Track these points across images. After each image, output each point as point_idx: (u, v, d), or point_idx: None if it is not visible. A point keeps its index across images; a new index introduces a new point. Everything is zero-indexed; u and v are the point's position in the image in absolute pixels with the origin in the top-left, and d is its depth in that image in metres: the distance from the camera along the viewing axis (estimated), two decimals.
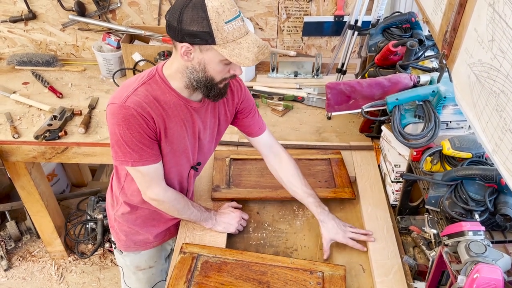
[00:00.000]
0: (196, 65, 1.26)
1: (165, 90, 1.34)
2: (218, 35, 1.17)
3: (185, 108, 1.39)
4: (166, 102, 1.34)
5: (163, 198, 1.46)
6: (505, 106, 0.87)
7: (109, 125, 1.33)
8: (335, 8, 2.41)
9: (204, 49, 1.21)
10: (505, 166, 0.88)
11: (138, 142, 1.31)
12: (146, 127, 1.30)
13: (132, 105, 1.27)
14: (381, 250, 1.55)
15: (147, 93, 1.31)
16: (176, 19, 1.18)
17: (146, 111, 1.29)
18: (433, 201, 1.31)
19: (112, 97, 1.33)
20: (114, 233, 1.71)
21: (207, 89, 1.32)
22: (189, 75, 1.30)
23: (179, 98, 1.36)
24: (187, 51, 1.23)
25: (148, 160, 1.36)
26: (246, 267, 1.47)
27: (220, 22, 1.16)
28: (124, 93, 1.29)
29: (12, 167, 2.28)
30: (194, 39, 1.19)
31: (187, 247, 1.53)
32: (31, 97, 2.39)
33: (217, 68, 1.27)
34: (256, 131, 1.64)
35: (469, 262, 1.04)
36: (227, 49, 1.19)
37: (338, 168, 1.88)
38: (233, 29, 1.18)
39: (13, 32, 2.61)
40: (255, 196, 1.73)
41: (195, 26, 1.16)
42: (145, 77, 1.34)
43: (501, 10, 0.88)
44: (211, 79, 1.30)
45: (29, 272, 2.84)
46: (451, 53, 1.19)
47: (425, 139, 1.41)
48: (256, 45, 1.22)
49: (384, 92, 1.57)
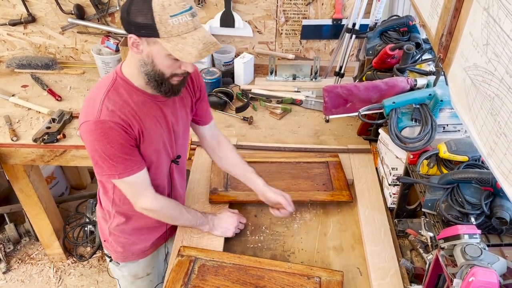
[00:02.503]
0: (145, 57, 1.25)
1: (131, 91, 1.33)
2: (162, 28, 1.16)
3: (154, 104, 1.38)
4: (135, 103, 1.33)
5: (154, 207, 1.46)
6: (500, 109, 0.87)
7: (87, 143, 1.31)
8: (333, 11, 2.42)
9: (151, 41, 1.20)
10: (500, 169, 0.88)
11: (120, 153, 1.30)
12: (126, 135, 1.30)
13: (106, 117, 1.26)
14: (378, 253, 1.55)
15: (116, 101, 1.29)
16: (125, 10, 1.18)
17: (121, 119, 1.28)
18: (430, 204, 1.31)
19: (82, 115, 1.31)
20: (109, 246, 1.68)
21: (157, 83, 1.30)
22: (142, 68, 1.28)
23: (146, 96, 1.35)
24: (135, 43, 1.22)
25: (133, 169, 1.35)
26: (243, 271, 1.47)
27: (165, 15, 1.14)
28: (94, 108, 1.27)
29: (10, 170, 2.28)
30: (140, 30, 1.18)
31: (185, 250, 1.53)
32: (30, 100, 2.39)
33: (165, 63, 1.25)
34: (207, 118, 1.64)
35: (464, 265, 1.04)
36: (171, 43, 1.18)
37: (336, 171, 1.88)
38: (179, 24, 1.16)
39: (13, 35, 2.62)
40: (253, 199, 1.73)
41: (140, 17, 1.16)
42: (108, 85, 1.32)
43: (496, 14, 0.88)
44: (161, 73, 1.27)
45: (27, 275, 2.84)
46: (447, 57, 1.20)
47: (422, 142, 1.42)
48: (202, 42, 1.20)
49: (381, 95, 1.57)
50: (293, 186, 1.82)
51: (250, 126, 2.23)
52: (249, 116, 2.25)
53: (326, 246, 1.63)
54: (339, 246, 1.63)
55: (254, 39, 2.57)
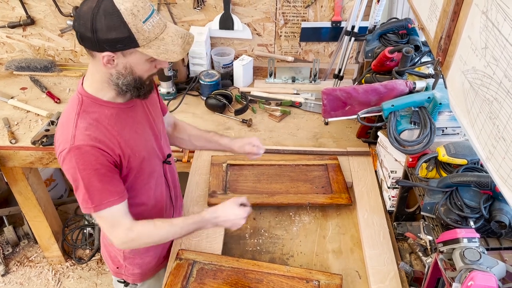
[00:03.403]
0: (122, 70, 1.19)
1: (101, 107, 1.26)
2: (140, 37, 1.12)
3: (127, 114, 1.32)
4: (109, 118, 1.27)
5: (131, 236, 1.31)
6: (498, 113, 0.87)
7: (66, 173, 1.25)
8: (333, 14, 2.42)
9: (128, 53, 1.16)
10: (499, 173, 0.88)
11: (97, 181, 1.22)
12: (103, 159, 1.23)
13: (82, 142, 1.20)
14: (377, 256, 1.54)
15: (89, 122, 1.23)
16: (89, 29, 1.10)
17: (98, 141, 1.22)
18: (429, 208, 1.31)
19: (57, 144, 1.25)
20: (125, 271, 1.62)
21: (137, 89, 1.26)
22: (116, 81, 1.22)
23: (117, 108, 1.29)
24: (110, 59, 1.16)
25: (109, 201, 1.25)
26: (242, 274, 1.46)
27: (138, 23, 1.11)
28: (68, 135, 1.21)
29: (9, 173, 2.27)
30: (116, 46, 1.12)
31: (183, 253, 1.53)
32: (29, 102, 2.39)
33: (144, 68, 1.22)
34: (165, 109, 1.61)
35: (463, 269, 1.04)
36: (152, 48, 1.15)
37: (335, 174, 1.88)
38: (153, 27, 1.14)
39: (12, 38, 2.62)
40: (252, 202, 1.70)
41: (113, 33, 1.10)
42: (76, 107, 1.25)
43: (494, 18, 0.88)
44: (139, 79, 1.24)
45: (26, 278, 2.83)
46: (446, 60, 1.20)
47: (421, 146, 1.41)
48: (179, 36, 1.18)
49: (380, 98, 1.57)
50: (292, 188, 1.82)
51: (249, 128, 2.23)
52: (248, 119, 2.24)
53: (325, 249, 1.63)
54: (338, 249, 1.63)
55: (253, 42, 2.57)
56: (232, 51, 2.56)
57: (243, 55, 2.53)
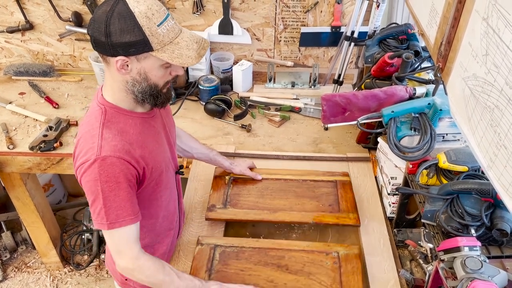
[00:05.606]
0: (136, 76, 1.17)
1: (125, 117, 1.24)
2: (154, 41, 1.10)
3: (150, 122, 1.31)
4: (133, 128, 1.24)
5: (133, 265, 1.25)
6: (500, 121, 0.86)
7: (84, 185, 1.19)
8: (332, 19, 2.41)
9: (142, 57, 1.13)
10: (500, 182, 0.87)
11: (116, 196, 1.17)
12: (127, 172, 1.19)
13: (108, 153, 1.16)
14: (378, 263, 1.53)
15: (114, 133, 1.20)
16: (103, 33, 1.08)
17: (124, 152, 1.18)
18: (429, 215, 1.30)
19: (80, 156, 1.19)
20: (133, 284, 1.50)
21: (154, 98, 1.23)
22: (132, 88, 1.19)
23: (140, 118, 1.28)
24: (123, 64, 1.14)
25: (125, 220, 1.20)
26: (263, 253, 1.52)
27: (153, 26, 1.09)
28: (93, 146, 1.16)
29: (7, 178, 2.26)
30: (129, 50, 1.10)
31: (203, 239, 1.58)
32: (27, 107, 2.38)
33: (159, 74, 1.19)
34: None
35: (465, 278, 1.02)
36: (166, 52, 1.13)
37: (345, 191, 1.77)
38: (167, 30, 1.12)
39: (10, 43, 2.61)
40: (252, 218, 1.66)
41: (127, 36, 1.08)
42: (99, 118, 1.21)
43: (495, 24, 0.87)
44: (155, 86, 1.21)
45: (24, 283, 2.81)
46: (446, 66, 1.19)
47: (421, 152, 1.40)
48: (194, 41, 1.16)
49: (380, 104, 1.56)
50: (296, 206, 1.71)
51: (248, 134, 2.22)
52: (247, 124, 2.23)
53: None
54: None
55: (253, 47, 2.56)
56: (232, 56, 2.55)
57: (242, 60, 2.53)
